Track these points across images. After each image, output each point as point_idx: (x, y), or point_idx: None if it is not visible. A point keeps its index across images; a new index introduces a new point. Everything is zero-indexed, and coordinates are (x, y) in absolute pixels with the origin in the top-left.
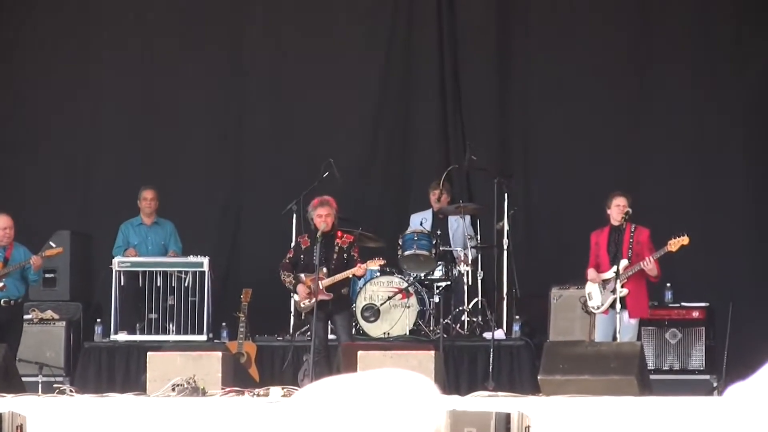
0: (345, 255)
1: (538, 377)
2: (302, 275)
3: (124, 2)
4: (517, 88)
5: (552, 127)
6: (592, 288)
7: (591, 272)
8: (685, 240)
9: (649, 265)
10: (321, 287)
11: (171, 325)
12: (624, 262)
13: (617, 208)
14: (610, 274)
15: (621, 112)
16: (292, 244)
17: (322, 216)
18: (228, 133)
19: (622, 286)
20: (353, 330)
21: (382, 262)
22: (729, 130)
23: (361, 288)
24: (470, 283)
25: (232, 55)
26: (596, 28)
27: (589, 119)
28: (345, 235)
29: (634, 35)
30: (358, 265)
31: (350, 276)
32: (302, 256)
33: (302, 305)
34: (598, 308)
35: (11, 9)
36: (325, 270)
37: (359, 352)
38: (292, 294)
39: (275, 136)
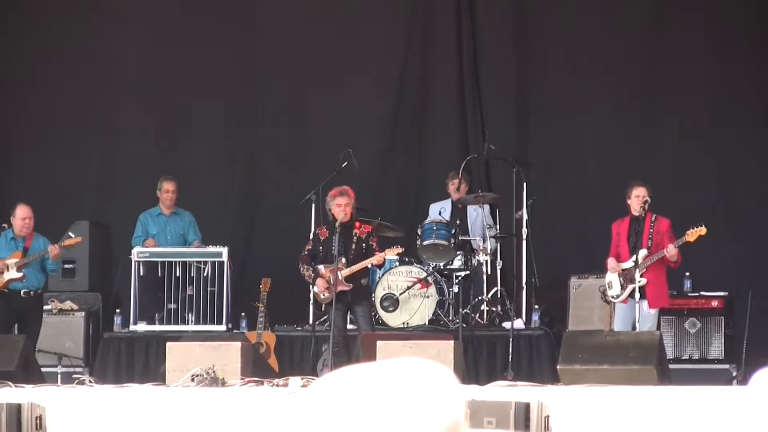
0: (363, 245)
1: (558, 367)
2: (321, 267)
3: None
4: (536, 77)
5: (570, 116)
6: (611, 277)
7: (611, 261)
8: (702, 230)
9: (672, 251)
10: (340, 278)
11: (190, 316)
12: (643, 252)
13: (637, 199)
14: (629, 263)
15: (638, 102)
16: (311, 236)
17: (341, 206)
18: (246, 122)
19: (641, 276)
20: (372, 320)
21: (400, 250)
22: (748, 118)
23: (380, 278)
24: (489, 272)
25: (249, 45)
26: (613, 20)
27: (608, 108)
28: (363, 225)
29: (649, 27)
30: (377, 254)
31: (369, 266)
32: (321, 247)
33: (322, 296)
34: (618, 297)
35: (27, 4)
36: (343, 260)
37: (378, 342)
38: (311, 286)
39: (294, 125)
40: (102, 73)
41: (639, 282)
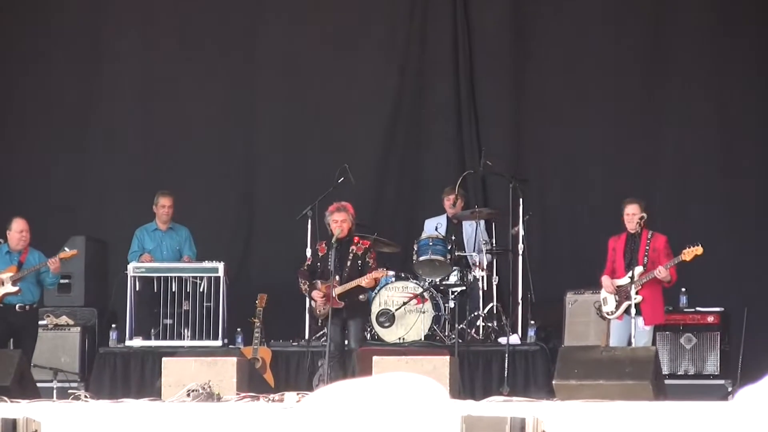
0: (359, 262)
1: (553, 382)
2: (318, 282)
3: (138, 9)
4: (533, 92)
5: (567, 131)
6: (606, 294)
7: (605, 279)
8: (699, 250)
9: (663, 273)
10: (333, 295)
11: (186, 331)
12: (639, 269)
13: (627, 216)
14: (625, 280)
15: (636, 116)
16: (310, 252)
17: (337, 222)
18: (242, 138)
19: (636, 293)
20: (367, 335)
21: (386, 273)
22: (750, 133)
23: (376, 293)
24: (485, 288)
25: (247, 61)
26: (611, 35)
27: (605, 123)
28: (361, 241)
29: (649, 42)
30: (367, 275)
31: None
32: (319, 263)
33: (318, 312)
34: (612, 314)
35: (23, 14)
36: (337, 278)
37: (374, 357)
38: (309, 301)
39: (290, 140)
40: (99, 86)
41: (635, 299)
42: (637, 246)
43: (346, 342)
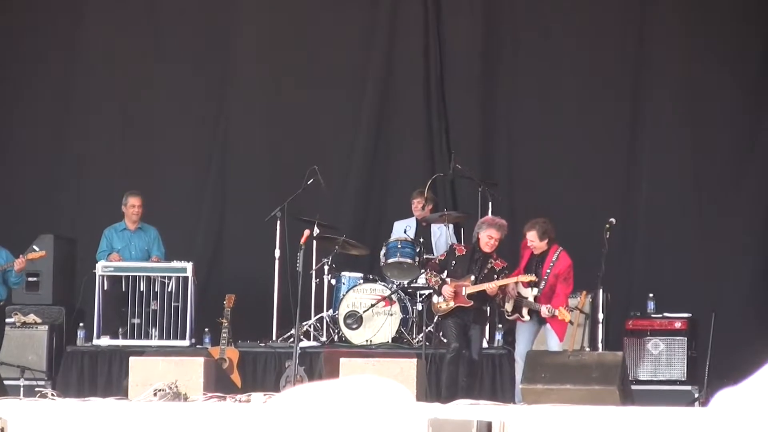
0: (495, 276)
1: (520, 386)
2: (448, 279)
3: (113, 10)
4: (502, 96)
5: (537, 135)
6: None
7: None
8: (567, 317)
9: (546, 314)
10: (463, 293)
11: (154, 330)
12: (534, 292)
13: (529, 242)
14: (525, 292)
15: (606, 122)
16: (446, 249)
17: (493, 238)
18: (212, 138)
19: (527, 312)
20: (335, 337)
21: (527, 281)
22: (721, 145)
23: (344, 295)
24: None
25: (220, 64)
26: (583, 38)
27: (574, 128)
28: (500, 259)
29: (619, 50)
30: (495, 281)
31: (492, 294)
32: (454, 262)
33: (441, 307)
34: (509, 315)
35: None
36: (472, 278)
37: (341, 359)
38: (433, 295)
39: (260, 142)
40: (69, 85)
41: (524, 318)
42: (542, 262)
43: (465, 349)
